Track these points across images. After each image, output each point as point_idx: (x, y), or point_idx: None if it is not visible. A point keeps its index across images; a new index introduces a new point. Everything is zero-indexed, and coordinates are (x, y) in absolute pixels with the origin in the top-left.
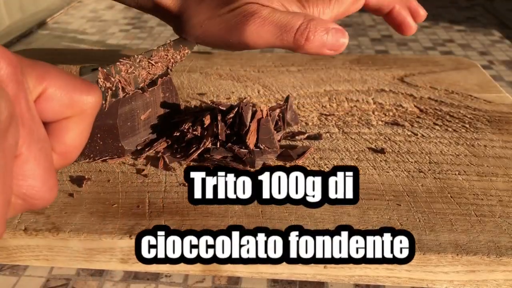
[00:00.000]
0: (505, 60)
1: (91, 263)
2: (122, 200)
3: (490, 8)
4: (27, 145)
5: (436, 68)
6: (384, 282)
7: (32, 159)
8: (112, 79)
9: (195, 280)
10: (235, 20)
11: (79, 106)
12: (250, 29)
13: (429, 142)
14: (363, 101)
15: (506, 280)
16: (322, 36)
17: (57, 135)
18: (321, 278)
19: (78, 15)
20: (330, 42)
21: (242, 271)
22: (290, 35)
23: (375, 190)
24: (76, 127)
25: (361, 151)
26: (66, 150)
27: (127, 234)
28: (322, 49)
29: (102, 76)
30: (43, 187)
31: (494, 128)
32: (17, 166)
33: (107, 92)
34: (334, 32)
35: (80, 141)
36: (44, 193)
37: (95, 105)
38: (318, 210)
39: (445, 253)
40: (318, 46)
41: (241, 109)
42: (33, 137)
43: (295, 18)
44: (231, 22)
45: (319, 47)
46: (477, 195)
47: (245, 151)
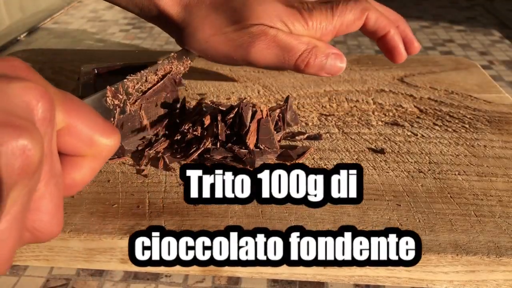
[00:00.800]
0: (505, 60)
1: (91, 263)
2: (122, 200)
3: (490, 8)
4: (45, 181)
5: (436, 68)
6: (384, 282)
7: (48, 195)
8: (120, 96)
9: (195, 280)
10: (241, 40)
11: (97, 147)
12: (255, 50)
13: (429, 142)
14: (363, 102)
15: (506, 280)
16: (321, 61)
17: (69, 169)
18: (321, 278)
19: (78, 15)
20: (328, 67)
21: (242, 271)
22: (292, 59)
23: (375, 190)
24: (89, 165)
25: (361, 151)
26: (73, 185)
27: (127, 234)
28: (320, 72)
29: (110, 94)
30: (52, 221)
31: (494, 129)
32: (33, 201)
33: (115, 109)
34: (333, 57)
35: (89, 179)
36: (52, 227)
37: (113, 149)
38: (318, 210)
39: (445, 253)
40: (316, 70)
41: (241, 109)
42: (52, 173)
43: (300, 44)
44: (237, 41)
45: (317, 71)
46: (477, 195)
47: (245, 151)
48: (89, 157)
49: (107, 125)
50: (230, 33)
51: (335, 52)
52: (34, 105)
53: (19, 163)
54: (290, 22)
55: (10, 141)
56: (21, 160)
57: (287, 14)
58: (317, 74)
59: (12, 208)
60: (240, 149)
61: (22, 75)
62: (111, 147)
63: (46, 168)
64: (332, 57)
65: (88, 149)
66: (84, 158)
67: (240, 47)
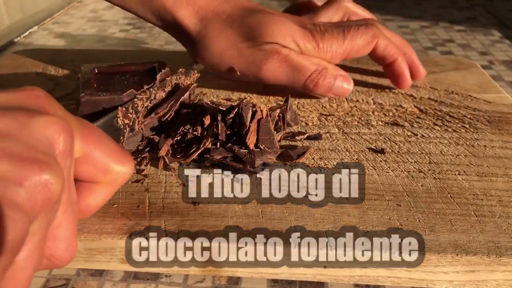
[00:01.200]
0: (505, 60)
1: (91, 263)
2: (122, 200)
3: (490, 8)
4: (63, 210)
5: (436, 68)
6: (384, 282)
7: (65, 223)
8: (130, 115)
9: (195, 280)
10: (254, 56)
11: (113, 175)
12: (267, 68)
13: (429, 142)
14: (363, 101)
15: (506, 280)
16: (330, 82)
17: (84, 195)
18: (321, 278)
19: (78, 15)
20: (336, 88)
21: (242, 271)
22: (302, 79)
23: (375, 190)
24: (104, 192)
25: (361, 151)
26: (87, 210)
27: (127, 234)
28: (328, 93)
29: (121, 114)
30: (68, 248)
31: (494, 129)
32: (51, 229)
33: (125, 128)
34: (341, 79)
35: (102, 205)
36: (68, 253)
37: (127, 177)
38: (318, 210)
39: (445, 253)
40: (324, 90)
41: (241, 109)
42: (69, 201)
43: (310, 65)
44: (250, 57)
45: (325, 91)
46: (477, 195)
47: (245, 151)
48: (104, 183)
49: (123, 152)
50: (244, 49)
51: (343, 75)
52: (56, 139)
53: (42, 197)
54: (302, 43)
55: (34, 176)
56: (43, 193)
57: (300, 35)
58: (325, 95)
59: (33, 238)
60: (240, 149)
61: (42, 105)
62: (126, 175)
63: (65, 197)
64: (340, 79)
65: (104, 177)
66: (99, 185)
67: (252, 64)
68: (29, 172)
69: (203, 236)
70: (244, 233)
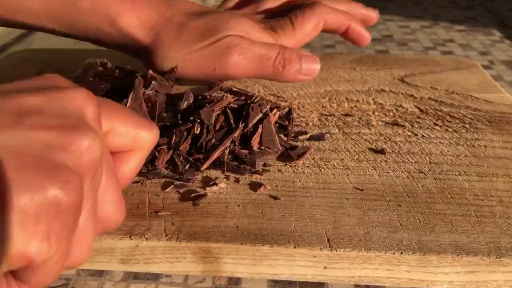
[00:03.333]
0: (505, 60)
1: (91, 263)
2: None
3: (490, 8)
4: (106, 174)
5: (437, 68)
6: (384, 282)
7: (110, 187)
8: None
9: (195, 280)
10: (217, 52)
11: (140, 142)
12: (233, 61)
13: (430, 142)
14: (363, 101)
15: (506, 281)
16: (297, 63)
17: (118, 165)
18: (321, 278)
19: None
20: (304, 69)
21: (242, 272)
22: (269, 64)
23: (375, 190)
24: (135, 159)
25: (361, 152)
26: (124, 178)
27: (127, 234)
28: (298, 76)
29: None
30: (118, 211)
31: (494, 129)
32: (99, 193)
33: None
34: (307, 58)
35: (137, 171)
36: (118, 215)
37: (154, 141)
38: (318, 211)
39: (445, 253)
40: (294, 72)
41: (251, 108)
42: (109, 167)
43: (272, 49)
44: (213, 55)
45: (295, 74)
46: (478, 196)
47: (245, 151)
48: (135, 151)
49: (146, 120)
50: (206, 47)
51: (307, 54)
52: (85, 107)
53: (87, 159)
54: (259, 32)
55: (76, 141)
56: (87, 156)
57: (256, 29)
58: (296, 79)
59: (88, 201)
60: (241, 150)
61: (65, 84)
62: (152, 140)
63: (104, 161)
64: (305, 58)
65: (133, 145)
66: (130, 153)
67: (217, 60)
68: (71, 138)
69: (203, 236)
70: (244, 233)
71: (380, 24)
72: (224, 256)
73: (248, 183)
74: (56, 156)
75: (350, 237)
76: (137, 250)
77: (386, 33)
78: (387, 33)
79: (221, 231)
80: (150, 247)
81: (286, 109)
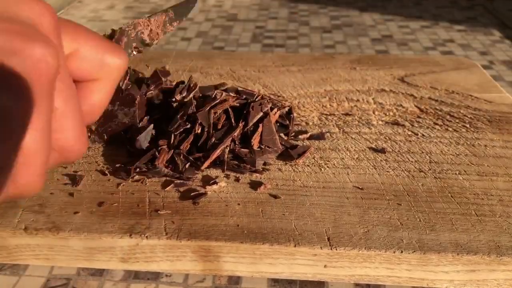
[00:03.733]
0: (505, 60)
1: (92, 262)
2: (122, 199)
3: (490, 8)
4: (64, 99)
5: (437, 68)
6: (384, 281)
7: (69, 113)
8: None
9: (195, 280)
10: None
11: (107, 69)
12: None
13: (430, 142)
14: (364, 101)
15: (507, 279)
16: None
17: (84, 95)
18: (322, 277)
19: (78, 15)
20: None
21: (243, 271)
22: None
23: (375, 189)
24: (103, 88)
25: (362, 151)
26: (91, 110)
27: (127, 233)
28: None
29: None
30: (78, 140)
31: (494, 128)
32: (55, 120)
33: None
34: None
35: (105, 102)
36: (78, 145)
37: (122, 68)
38: (319, 209)
39: (445, 252)
40: None
41: (252, 108)
42: (69, 92)
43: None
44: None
45: None
46: (478, 195)
47: (246, 150)
48: (102, 79)
49: (114, 45)
50: None
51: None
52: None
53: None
54: None
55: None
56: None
57: None
58: None
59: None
60: (241, 149)
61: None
62: (121, 66)
63: (62, 85)
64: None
65: (100, 72)
66: (98, 81)
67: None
68: (22, 43)
69: (203, 235)
70: (244, 232)
71: (380, 24)
72: (224, 255)
73: (248, 182)
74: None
75: (350, 236)
76: (137, 248)
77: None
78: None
79: (221, 229)
80: (150, 246)
81: (286, 108)
